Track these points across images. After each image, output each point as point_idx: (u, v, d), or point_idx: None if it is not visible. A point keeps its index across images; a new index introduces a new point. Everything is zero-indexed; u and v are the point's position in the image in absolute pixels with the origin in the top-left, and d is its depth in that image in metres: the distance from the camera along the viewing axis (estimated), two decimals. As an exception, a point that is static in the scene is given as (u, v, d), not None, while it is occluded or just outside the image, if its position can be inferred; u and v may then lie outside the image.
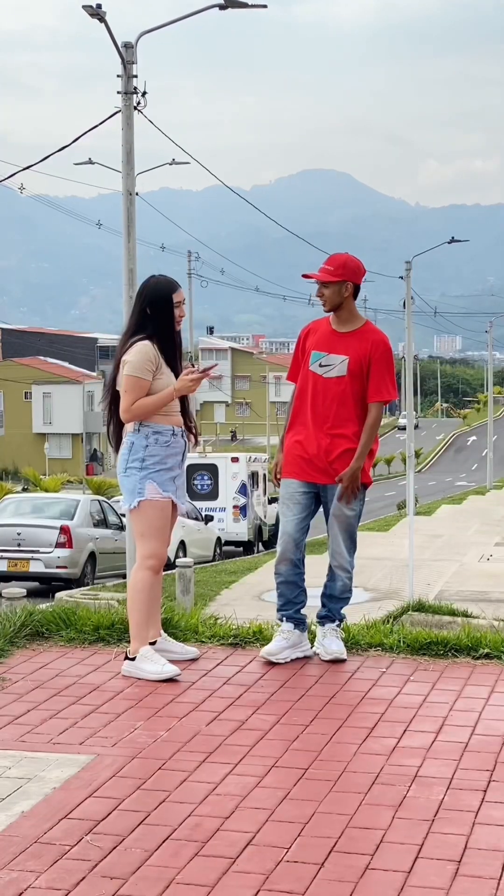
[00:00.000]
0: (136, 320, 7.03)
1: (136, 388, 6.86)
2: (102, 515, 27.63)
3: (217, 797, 5.19)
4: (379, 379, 7.16)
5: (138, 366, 6.86)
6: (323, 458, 7.12)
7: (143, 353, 6.89)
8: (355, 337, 7.16)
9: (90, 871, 4.51)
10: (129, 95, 21.28)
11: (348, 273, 7.12)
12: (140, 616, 6.95)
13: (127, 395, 6.88)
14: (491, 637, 7.41)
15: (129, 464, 6.96)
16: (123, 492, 7.07)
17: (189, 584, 19.57)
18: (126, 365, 6.89)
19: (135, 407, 6.88)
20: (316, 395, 7.15)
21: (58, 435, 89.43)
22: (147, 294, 7.02)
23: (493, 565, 27.37)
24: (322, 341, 7.20)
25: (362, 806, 5.06)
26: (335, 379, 7.11)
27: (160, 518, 6.97)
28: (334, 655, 7.15)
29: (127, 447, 6.98)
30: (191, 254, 60.99)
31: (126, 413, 6.91)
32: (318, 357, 7.15)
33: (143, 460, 6.91)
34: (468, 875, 4.41)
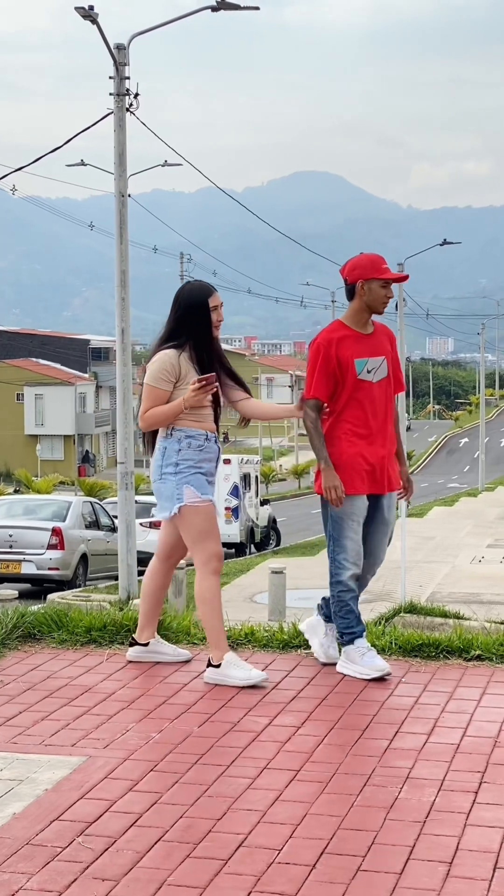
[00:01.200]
0: (170, 327, 6.91)
1: (151, 397, 6.80)
2: (94, 517, 27.62)
3: (209, 799, 5.19)
4: (399, 371, 7.14)
5: (154, 375, 6.80)
6: (385, 466, 6.93)
7: (162, 362, 6.81)
8: (379, 335, 7.05)
9: (82, 873, 4.51)
10: (121, 97, 21.28)
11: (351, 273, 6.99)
12: (218, 622, 6.82)
13: (143, 403, 6.84)
14: (482, 639, 7.41)
15: (164, 469, 6.85)
16: (159, 499, 6.93)
17: (181, 585, 19.57)
18: (147, 372, 6.86)
19: (147, 415, 6.81)
20: (372, 402, 6.90)
21: (50, 436, 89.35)
22: (182, 300, 6.90)
23: (485, 567, 27.38)
24: (357, 347, 6.92)
25: (354, 807, 5.07)
26: (382, 381, 6.96)
27: (206, 520, 6.83)
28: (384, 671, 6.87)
29: (160, 453, 6.88)
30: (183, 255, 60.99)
31: (141, 420, 6.86)
32: (363, 364, 6.88)
33: (177, 465, 6.80)
34: (460, 876, 4.42)
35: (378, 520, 7.04)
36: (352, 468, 6.87)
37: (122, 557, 20.80)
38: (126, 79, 21.29)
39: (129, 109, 21.38)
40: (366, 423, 6.91)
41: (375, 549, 7.08)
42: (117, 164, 21.33)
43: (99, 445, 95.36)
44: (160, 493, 6.88)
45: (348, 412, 6.91)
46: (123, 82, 21.28)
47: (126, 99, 21.30)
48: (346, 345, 6.92)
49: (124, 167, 21.39)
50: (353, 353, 6.90)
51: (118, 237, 21.16)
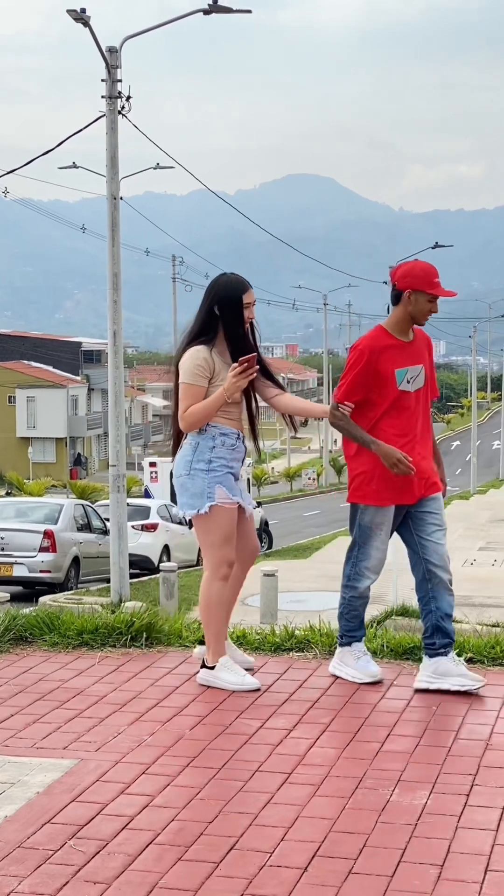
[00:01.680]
0: (202, 319, 6.76)
1: (189, 395, 6.66)
2: (86, 520, 27.61)
3: (200, 801, 5.19)
4: (434, 378, 7.01)
5: (189, 371, 6.66)
6: (424, 477, 6.76)
7: (194, 357, 6.67)
8: (418, 342, 6.89)
9: (73, 876, 4.51)
10: (113, 100, 21.27)
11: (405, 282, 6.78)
12: (218, 627, 6.77)
13: (181, 402, 6.69)
14: (474, 641, 7.42)
15: (195, 465, 6.70)
16: (184, 495, 6.75)
17: (173, 588, 19.59)
18: (180, 372, 6.71)
19: (187, 413, 6.65)
20: (410, 411, 6.77)
21: (42, 439, 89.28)
22: (217, 292, 6.75)
23: (476, 570, 27.42)
24: (399, 357, 6.76)
25: (346, 810, 5.07)
26: (421, 391, 6.83)
27: (231, 524, 6.73)
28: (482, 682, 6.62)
29: (191, 448, 6.73)
30: (175, 258, 61.04)
31: (182, 420, 6.70)
32: (403, 374, 6.74)
33: (210, 462, 6.68)
34: (451, 879, 4.42)
35: (428, 521, 6.79)
36: (385, 478, 6.72)
37: (114, 560, 20.78)
38: (118, 81, 21.29)
39: (122, 112, 21.38)
40: (404, 433, 6.75)
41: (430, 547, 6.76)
42: (109, 166, 21.33)
43: (91, 448, 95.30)
44: (186, 488, 6.73)
45: (386, 421, 6.75)
46: (115, 85, 21.28)
47: (118, 101, 21.30)
48: (388, 355, 6.75)
49: (116, 170, 21.38)
50: (395, 363, 6.74)
51: (110, 240, 21.15)
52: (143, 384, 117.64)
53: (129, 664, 7.27)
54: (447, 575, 6.75)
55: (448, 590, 6.76)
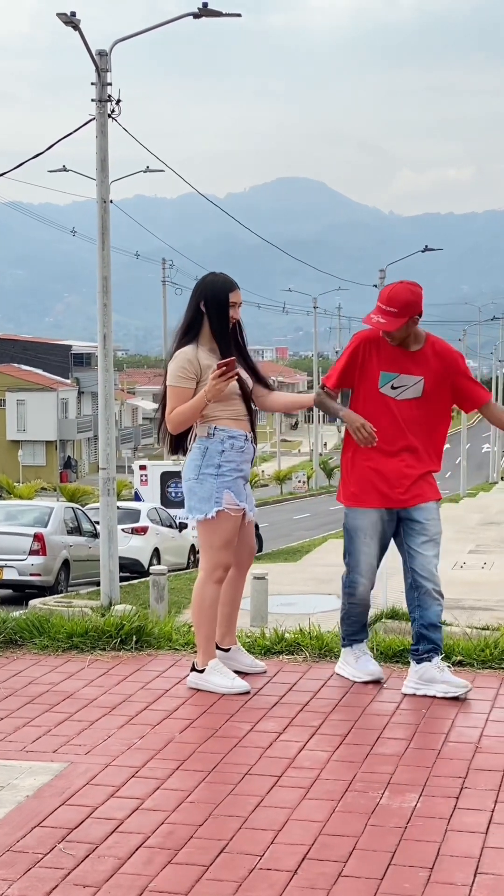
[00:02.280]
0: (188, 317, 6.78)
1: (174, 397, 6.68)
2: (76, 523, 27.60)
3: (190, 804, 5.19)
4: (473, 387, 6.89)
5: (173, 374, 6.69)
6: (402, 482, 6.74)
7: (179, 359, 6.69)
8: (426, 354, 6.78)
9: (63, 880, 4.50)
10: (103, 103, 21.28)
11: (412, 308, 6.67)
12: (209, 630, 6.76)
13: (168, 403, 6.74)
14: (464, 644, 7.42)
15: (204, 470, 6.69)
16: (192, 499, 6.73)
17: (163, 591, 19.57)
18: (168, 373, 6.76)
19: (172, 415, 6.68)
20: (391, 418, 6.74)
21: (32, 442, 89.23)
22: (203, 290, 6.76)
23: (466, 573, 27.46)
24: (390, 361, 6.74)
25: (335, 813, 5.07)
26: (411, 401, 6.75)
27: (233, 529, 6.74)
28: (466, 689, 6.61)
29: (200, 452, 6.71)
30: (165, 261, 61.05)
31: (168, 422, 6.73)
32: (389, 378, 6.72)
33: (220, 466, 6.67)
34: (441, 882, 4.42)
35: (416, 530, 6.77)
36: (364, 481, 6.77)
37: (104, 563, 20.77)
38: (108, 85, 21.30)
39: (111, 115, 21.39)
40: (383, 437, 6.71)
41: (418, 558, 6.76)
42: (99, 169, 21.33)
43: (81, 451, 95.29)
44: (194, 492, 6.72)
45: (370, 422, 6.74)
46: (105, 88, 21.29)
47: (108, 105, 21.31)
48: (380, 354, 6.75)
49: (106, 173, 21.39)
50: (384, 365, 6.74)
51: (100, 243, 21.16)
52: (133, 387, 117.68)
53: (119, 667, 7.26)
54: (432, 585, 6.73)
55: (434, 599, 6.75)
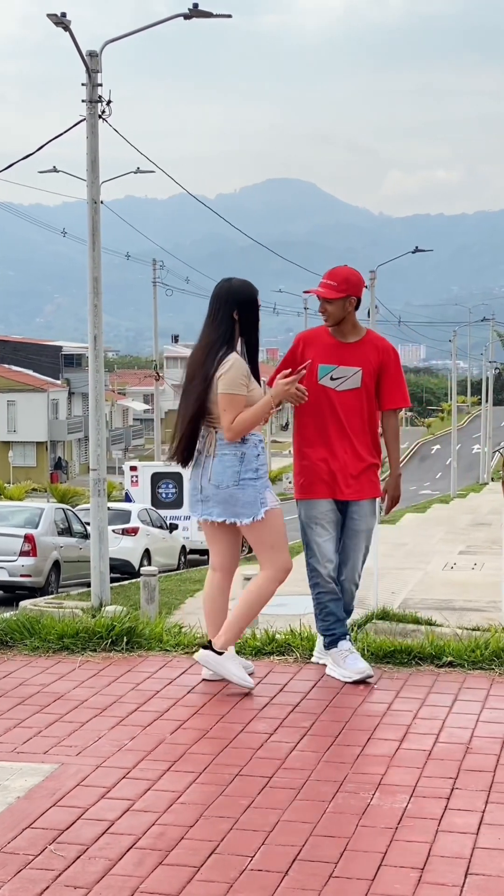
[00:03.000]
0: (227, 326, 6.71)
1: (235, 405, 6.61)
2: (67, 524, 27.58)
3: (181, 806, 5.19)
4: (394, 386, 7.13)
5: (234, 382, 6.62)
6: (345, 472, 7.00)
7: (237, 368, 6.64)
8: (363, 347, 7.06)
9: (54, 881, 4.50)
10: (93, 104, 21.29)
11: (351, 288, 6.99)
12: (246, 623, 6.83)
13: (227, 413, 6.62)
14: (454, 645, 7.43)
15: (244, 475, 6.67)
16: (235, 505, 6.69)
17: (153, 592, 19.55)
18: (221, 382, 6.62)
19: (236, 424, 6.62)
20: (331, 409, 6.99)
21: (22, 443, 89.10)
22: (235, 296, 6.72)
23: (457, 573, 27.48)
24: (328, 353, 7.00)
25: (326, 814, 5.07)
26: (350, 391, 7.00)
27: (283, 525, 6.83)
28: (365, 674, 6.93)
29: (237, 458, 6.68)
30: (156, 262, 61.00)
31: (229, 431, 6.64)
32: (327, 370, 6.94)
33: (257, 470, 6.70)
34: (431, 882, 4.43)
35: (349, 527, 7.11)
36: (312, 472, 7.04)
37: (95, 564, 20.77)
38: (98, 86, 21.31)
39: (102, 116, 21.40)
40: (324, 430, 7.02)
41: (348, 557, 7.13)
42: (90, 170, 21.33)
43: (71, 452, 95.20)
44: (237, 499, 6.68)
45: (307, 413, 7.04)
46: (96, 89, 21.30)
47: (98, 105, 21.32)
48: (318, 349, 7.01)
49: (97, 174, 21.38)
50: (322, 358, 6.97)
51: (91, 244, 21.15)
52: (123, 388, 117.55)
53: (110, 668, 7.26)
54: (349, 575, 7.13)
55: (348, 589, 7.15)
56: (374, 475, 7.12)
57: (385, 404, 7.18)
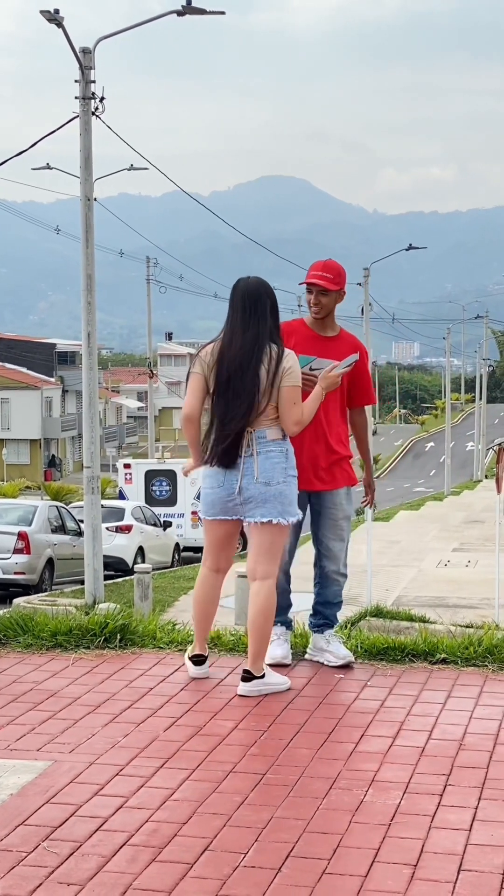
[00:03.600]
0: (271, 322, 6.67)
1: (299, 398, 6.63)
2: (60, 521, 27.57)
3: (174, 802, 5.19)
4: (365, 383, 7.33)
5: (299, 375, 6.63)
6: (316, 464, 7.11)
7: (296, 361, 6.66)
8: (340, 342, 7.22)
9: (47, 878, 4.50)
10: (86, 101, 21.24)
11: (343, 282, 7.24)
12: (270, 632, 6.79)
13: (297, 406, 6.59)
14: (448, 642, 7.44)
15: (289, 471, 6.65)
16: (282, 502, 6.62)
17: (147, 589, 19.56)
18: (290, 376, 6.57)
19: (306, 416, 6.64)
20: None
21: (16, 440, 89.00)
22: (269, 294, 6.72)
23: (450, 571, 27.50)
24: (308, 345, 7.11)
25: (319, 811, 5.08)
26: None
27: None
28: (345, 660, 7.11)
29: (282, 454, 6.63)
30: (149, 259, 60.92)
31: (297, 425, 6.60)
32: (306, 361, 7.00)
33: (294, 468, 6.73)
34: (424, 879, 4.43)
35: (327, 518, 7.24)
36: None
37: (89, 562, 20.74)
38: (92, 82, 21.26)
39: (95, 113, 21.35)
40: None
41: (329, 548, 7.28)
42: (83, 167, 21.29)
43: (65, 450, 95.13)
44: (284, 495, 6.62)
45: None
46: (89, 86, 21.25)
47: (92, 102, 21.27)
48: (297, 338, 7.14)
49: (90, 171, 21.35)
50: (301, 348, 7.05)
51: (84, 241, 21.12)
52: (117, 386, 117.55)
53: (103, 666, 7.26)
54: (333, 566, 7.29)
55: (334, 580, 7.30)
56: (347, 465, 7.23)
57: (356, 401, 7.33)
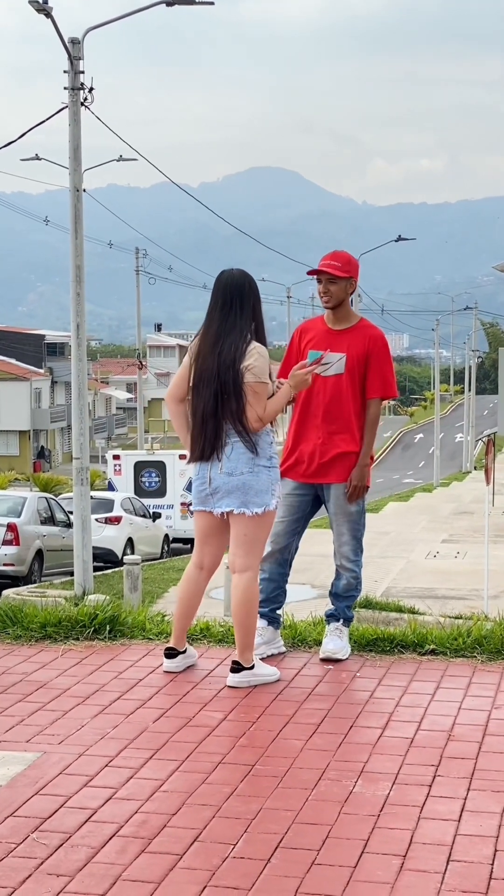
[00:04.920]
0: (249, 317, 6.65)
1: (264, 394, 6.61)
2: (50, 513, 27.54)
3: (164, 794, 5.19)
4: (377, 375, 7.17)
5: (265, 371, 6.60)
6: (318, 457, 7.11)
7: (265, 357, 6.63)
8: (352, 334, 7.15)
9: (36, 869, 4.50)
10: (75, 91, 21.20)
11: (353, 270, 7.14)
12: (255, 623, 6.77)
13: (259, 402, 6.58)
14: (437, 633, 7.45)
15: (259, 462, 6.64)
16: (247, 493, 6.63)
17: (137, 581, 19.54)
18: (252, 372, 6.55)
19: (266, 413, 6.61)
20: (315, 394, 7.10)
21: (5, 432, 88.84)
22: (253, 288, 6.69)
23: (439, 562, 27.52)
24: (318, 340, 7.13)
25: (309, 801, 5.08)
26: (335, 377, 7.08)
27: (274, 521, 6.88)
28: (327, 654, 7.11)
29: (249, 447, 6.62)
30: (139, 251, 60.86)
31: (258, 422, 6.59)
32: (315, 356, 7.01)
33: (271, 458, 6.69)
34: (413, 869, 4.44)
35: (329, 509, 7.27)
36: (288, 453, 7.24)
37: (78, 553, 20.74)
38: (80, 73, 21.22)
39: (84, 104, 21.32)
40: (306, 413, 7.17)
41: (334, 541, 7.28)
42: (72, 158, 21.26)
43: (55, 441, 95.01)
44: (250, 486, 6.63)
45: (297, 400, 7.18)
46: (78, 76, 21.21)
47: (81, 93, 21.23)
48: (311, 337, 7.18)
49: (79, 162, 21.32)
50: (314, 343, 7.10)
51: (73, 232, 21.09)
52: (106, 377, 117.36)
53: (93, 657, 7.26)
54: (340, 559, 7.27)
55: (341, 574, 7.30)
56: (351, 462, 7.12)
57: (367, 393, 7.21)
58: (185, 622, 6.96)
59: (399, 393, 41.64)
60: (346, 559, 7.24)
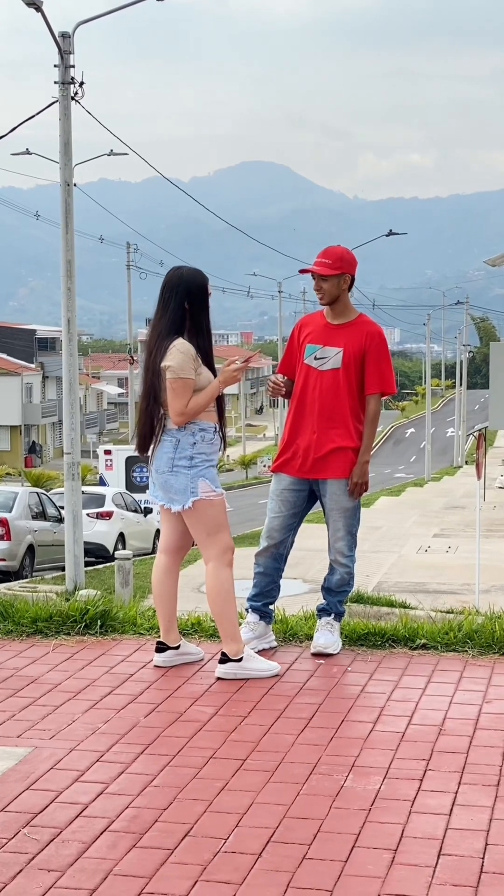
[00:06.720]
0: (176, 315, 6.67)
1: (186, 389, 6.60)
2: (41, 508, 27.54)
3: (155, 788, 5.19)
4: (375, 370, 7.13)
5: (184, 367, 6.59)
6: (314, 452, 7.10)
7: (185, 352, 6.61)
8: (349, 329, 7.14)
9: (27, 864, 4.50)
10: (66, 86, 21.17)
11: (346, 265, 7.11)
12: (235, 615, 6.77)
13: (179, 398, 6.59)
14: (428, 628, 7.46)
15: (177, 462, 6.69)
16: (169, 492, 6.74)
17: (128, 576, 19.54)
18: (170, 370, 6.59)
19: (189, 409, 6.61)
20: (311, 388, 7.11)
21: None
22: (185, 286, 6.68)
23: (431, 557, 27.57)
24: (317, 334, 7.15)
25: (300, 796, 5.09)
26: (330, 371, 7.08)
27: (220, 513, 6.78)
28: (317, 649, 7.12)
29: (172, 445, 6.70)
30: (130, 245, 60.84)
31: (181, 416, 6.61)
32: (312, 350, 7.07)
33: (192, 458, 6.68)
34: (404, 863, 4.45)
35: (324, 506, 7.24)
36: (286, 449, 7.24)
37: (69, 548, 20.73)
38: (71, 67, 21.20)
39: (75, 98, 21.29)
40: (302, 408, 7.16)
41: (329, 536, 7.27)
42: (62, 153, 21.24)
43: (46, 436, 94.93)
44: (170, 486, 6.72)
45: (295, 395, 7.22)
46: (68, 71, 21.18)
47: (71, 87, 21.20)
48: (310, 331, 7.21)
49: (69, 156, 21.29)
50: (311, 339, 7.15)
51: (64, 227, 21.07)
52: (97, 372, 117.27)
53: (84, 652, 7.26)
54: (333, 555, 7.26)
55: (335, 568, 7.29)
56: (346, 457, 7.11)
57: (365, 389, 7.17)
58: (163, 610, 6.94)
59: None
60: (340, 554, 7.24)
